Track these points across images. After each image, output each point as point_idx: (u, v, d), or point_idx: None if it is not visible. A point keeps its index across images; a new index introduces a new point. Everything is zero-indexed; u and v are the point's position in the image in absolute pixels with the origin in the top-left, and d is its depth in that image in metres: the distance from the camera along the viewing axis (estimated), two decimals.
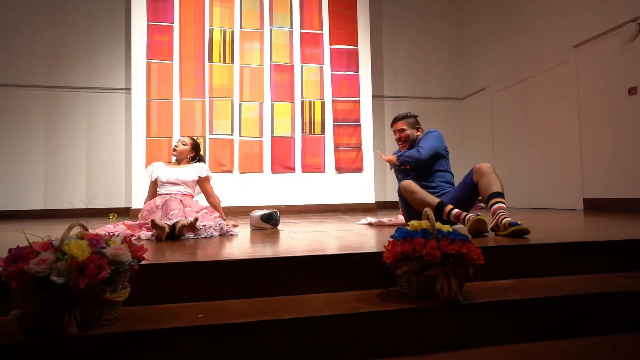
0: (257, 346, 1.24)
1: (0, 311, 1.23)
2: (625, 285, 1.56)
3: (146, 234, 2.44)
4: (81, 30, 6.36)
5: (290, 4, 6.32)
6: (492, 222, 2.24)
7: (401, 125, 2.96)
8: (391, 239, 1.50)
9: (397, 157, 2.86)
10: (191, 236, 2.46)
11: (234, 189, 5.86)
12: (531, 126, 5.89)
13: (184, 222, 2.38)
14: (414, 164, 2.80)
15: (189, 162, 3.12)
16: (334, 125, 6.30)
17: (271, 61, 6.19)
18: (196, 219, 2.44)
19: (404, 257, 1.43)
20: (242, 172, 6.01)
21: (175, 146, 3.09)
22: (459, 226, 2.69)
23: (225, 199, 3.41)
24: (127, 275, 1.26)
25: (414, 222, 1.52)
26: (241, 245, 2.11)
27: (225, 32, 6.08)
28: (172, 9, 5.97)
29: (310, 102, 6.24)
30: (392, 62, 7.27)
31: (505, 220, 2.14)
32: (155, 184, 2.98)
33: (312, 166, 6.19)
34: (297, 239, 2.27)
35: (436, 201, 2.57)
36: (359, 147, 6.34)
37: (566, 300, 1.45)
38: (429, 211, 1.50)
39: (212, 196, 3.07)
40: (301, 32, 6.31)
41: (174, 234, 2.39)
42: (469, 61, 7.31)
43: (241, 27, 6.15)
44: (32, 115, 6.17)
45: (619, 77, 4.51)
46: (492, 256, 1.56)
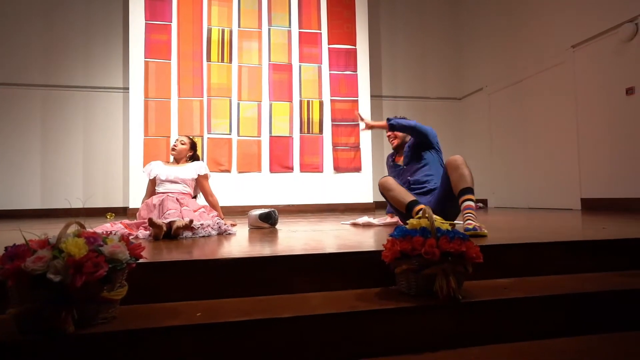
0: (256, 345, 1.24)
1: None
2: (624, 283, 1.56)
3: (144, 232, 2.43)
4: (78, 29, 6.33)
5: (288, 4, 6.31)
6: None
7: None
8: (390, 238, 1.50)
9: (387, 120, 2.83)
10: (189, 235, 2.45)
11: (232, 189, 5.85)
12: (529, 126, 5.90)
13: (179, 223, 2.37)
14: (403, 129, 2.79)
15: (187, 161, 3.12)
16: (332, 124, 6.30)
17: (269, 60, 6.19)
18: (191, 221, 2.43)
19: (403, 256, 1.42)
20: (240, 172, 5.99)
21: (174, 145, 3.09)
22: (459, 226, 2.70)
23: (223, 199, 3.40)
24: (125, 273, 1.26)
25: (413, 221, 1.52)
26: (239, 244, 2.11)
27: (223, 31, 6.07)
28: (170, 8, 5.96)
29: (308, 102, 6.24)
30: (390, 62, 7.27)
31: (467, 222, 2.21)
32: (153, 183, 2.97)
33: (311, 166, 6.18)
34: (296, 238, 2.27)
35: (408, 200, 2.60)
36: (357, 147, 6.33)
37: (565, 299, 1.45)
38: (428, 210, 1.50)
39: (210, 195, 3.07)
40: (299, 32, 6.30)
41: (171, 233, 2.38)
42: (467, 61, 7.32)
43: (239, 26, 6.13)
44: (29, 114, 6.14)
45: (617, 77, 4.52)
46: (491, 255, 1.56)
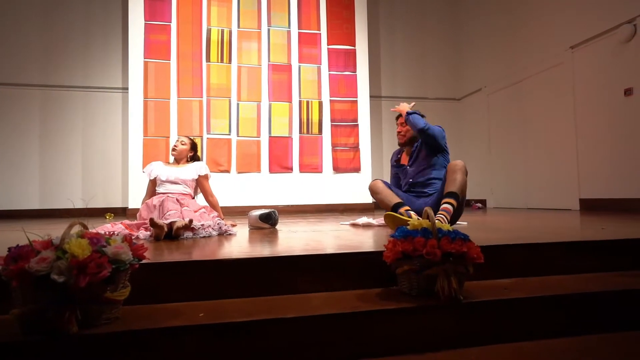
0: (258, 345, 1.24)
1: (0, 310, 1.23)
2: (625, 283, 1.57)
3: (145, 233, 2.43)
4: (78, 29, 6.33)
5: (288, 4, 6.31)
6: None
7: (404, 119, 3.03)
8: (391, 238, 1.50)
9: (407, 113, 2.82)
10: (190, 235, 2.45)
11: (232, 189, 5.85)
12: (528, 127, 5.91)
13: (179, 223, 2.37)
14: (412, 126, 2.80)
15: (188, 161, 3.12)
16: (332, 125, 6.30)
17: (269, 61, 6.19)
18: (191, 221, 2.44)
19: (405, 256, 1.43)
20: (239, 172, 6.00)
21: (174, 146, 3.09)
22: (461, 226, 2.71)
23: (222, 199, 3.40)
24: (128, 274, 1.26)
25: (414, 222, 1.53)
26: (240, 244, 2.11)
27: (222, 31, 6.07)
28: (170, 8, 5.96)
29: (308, 102, 6.24)
30: (389, 63, 7.28)
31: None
32: (154, 183, 2.97)
33: (310, 166, 6.19)
34: (296, 239, 2.27)
35: (394, 202, 2.72)
36: (356, 147, 6.34)
37: (566, 299, 1.46)
38: (429, 210, 1.51)
39: (210, 195, 3.07)
40: (299, 32, 6.30)
41: (172, 234, 2.39)
42: (466, 62, 7.33)
43: (239, 26, 6.14)
44: (28, 114, 6.13)
45: (615, 78, 4.54)
46: (491, 255, 1.57)
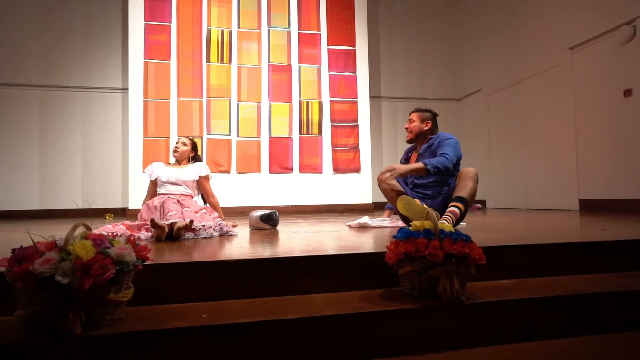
0: (260, 346, 1.25)
1: (3, 311, 1.23)
2: (626, 284, 1.57)
3: (146, 234, 2.43)
4: (78, 29, 6.33)
5: (288, 5, 6.32)
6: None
7: (413, 116, 3.06)
8: (394, 239, 1.51)
9: (425, 168, 2.69)
10: (191, 236, 2.46)
11: (232, 189, 5.85)
12: (527, 127, 5.92)
13: (180, 224, 2.38)
14: (443, 170, 2.73)
15: (189, 162, 3.12)
16: (332, 125, 6.31)
17: (269, 61, 6.19)
18: (191, 221, 2.44)
19: (407, 257, 1.43)
20: (239, 173, 6.00)
21: (176, 147, 3.07)
22: (460, 226, 2.71)
23: (222, 200, 3.40)
24: (131, 275, 1.26)
25: (416, 223, 1.53)
26: (242, 245, 2.11)
27: (222, 32, 6.07)
28: (170, 8, 5.96)
29: (308, 103, 6.25)
30: (389, 63, 7.29)
31: (441, 220, 2.31)
32: (154, 184, 2.97)
33: (310, 166, 6.19)
34: (297, 239, 2.28)
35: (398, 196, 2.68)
36: (356, 148, 6.35)
37: (567, 299, 1.47)
38: (431, 211, 1.52)
39: (211, 196, 3.07)
40: (299, 33, 6.31)
41: (173, 235, 2.39)
42: (466, 62, 7.34)
43: (239, 27, 6.14)
44: (27, 114, 6.13)
45: (615, 79, 4.55)
46: (492, 256, 1.57)
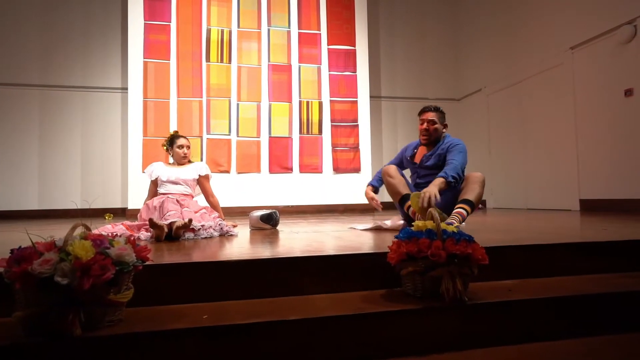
0: (262, 347, 1.24)
1: (2, 312, 1.22)
2: (629, 285, 1.57)
3: (145, 234, 2.42)
4: (77, 29, 6.31)
5: (288, 4, 6.31)
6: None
7: (433, 116, 2.77)
8: (396, 240, 1.50)
9: (447, 180, 2.59)
10: (191, 236, 2.45)
11: (231, 189, 5.84)
12: (528, 127, 5.92)
13: (179, 223, 2.37)
14: (459, 181, 2.70)
15: (189, 161, 3.10)
16: (332, 125, 6.30)
17: (269, 61, 6.18)
18: (190, 220, 2.43)
19: (409, 258, 1.42)
20: (239, 172, 5.99)
21: (185, 154, 3.01)
22: (461, 226, 2.70)
23: (222, 199, 3.39)
24: (131, 276, 1.25)
25: (419, 223, 1.52)
26: (242, 245, 2.10)
27: (222, 31, 6.06)
28: (170, 8, 5.95)
29: (308, 103, 6.24)
30: (389, 63, 7.28)
31: (450, 218, 2.38)
32: (155, 184, 2.96)
33: (310, 166, 6.18)
34: (298, 239, 2.27)
35: (403, 192, 2.66)
36: (356, 148, 6.34)
37: (570, 300, 1.46)
38: (434, 211, 1.51)
39: (211, 195, 3.06)
40: (299, 32, 6.30)
41: (172, 234, 2.38)
42: (466, 62, 7.33)
43: (239, 26, 6.13)
44: (27, 114, 6.11)
45: (615, 79, 4.54)
46: (494, 256, 1.56)
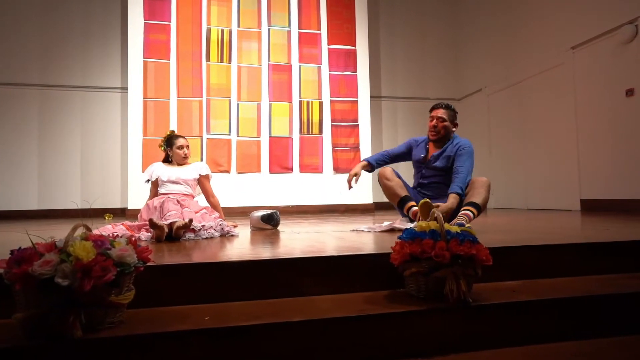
0: (264, 349, 1.22)
1: (2, 314, 1.21)
2: (635, 286, 1.55)
3: (146, 234, 2.41)
4: (77, 28, 6.29)
5: (288, 4, 6.29)
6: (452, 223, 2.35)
7: (443, 114, 2.73)
8: (399, 240, 1.49)
9: (458, 195, 2.56)
10: (192, 237, 2.44)
11: (232, 189, 5.83)
12: (528, 127, 5.91)
13: (179, 223, 2.36)
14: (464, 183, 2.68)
15: (188, 161, 3.09)
16: (332, 125, 6.28)
17: (269, 61, 6.17)
18: (191, 220, 2.42)
19: (413, 259, 1.41)
20: (239, 172, 5.97)
21: (186, 154, 3.00)
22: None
23: (222, 200, 3.38)
24: (132, 277, 1.24)
25: (422, 223, 1.51)
26: (244, 246, 2.09)
27: (222, 31, 6.04)
28: (169, 7, 5.93)
29: (308, 102, 6.22)
30: (389, 63, 7.27)
31: (458, 218, 2.37)
32: (155, 185, 2.94)
33: (310, 166, 6.17)
34: (299, 240, 2.25)
35: (402, 195, 2.68)
36: (356, 148, 6.32)
37: (575, 301, 1.45)
38: (437, 212, 1.49)
39: (211, 195, 3.05)
40: (299, 32, 6.29)
41: (172, 235, 2.36)
42: (466, 62, 7.32)
43: (239, 26, 6.11)
44: (26, 114, 6.09)
45: (616, 79, 4.53)
46: (499, 257, 1.55)
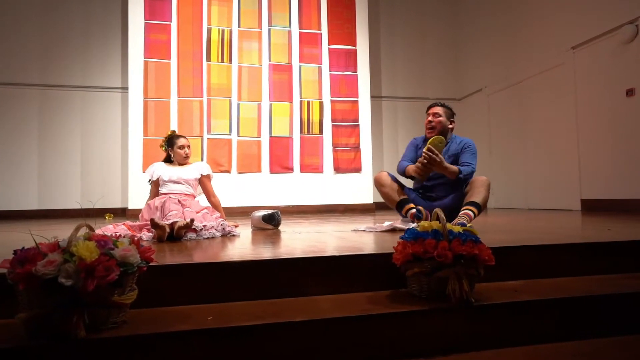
0: (266, 349, 1.22)
1: (5, 314, 1.21)
2: (636, 286, 1.56)
3: (147, 234, 2.41)
4: (77, 28, 6.29)
5: (288, 4, 6.29)
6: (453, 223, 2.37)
7: (438, 110, 2.85)
8: (401, 240, 1.49)
9: (458, 175, 2.66)
10: (193, 237, 2.43)
11: (232, 189, 5.83)
12: (529, 127, 5.91)
13: (180, 223, 2.35)
14: (465, 183, 2.77)
15: (189, 161, 3.09)
16: (333, 125, 6.28)
17: (269, 61, 6.17)
18: (192, 220, 2.42)
19: (415, 259, 1.41)
20: (240, 172, 5.97)
21: (187, 154, 3.02)
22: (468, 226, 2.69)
23: (223, 199, 3.38)
24: (135, 277, 1.24)
25: (424, 223, 1.51)
26: (245, 246, 2.09)
27: (223, 31, 6.04)
28: (170, 7, 5.93)
29: (308, 102, 6.22)
30: (390, 63, 7.27)
31: (459, 218, 2.40)
32: (156, 185, 2.94)
33: (311, 166, 6.17)
34: (300, 240, 2.25)
35: (399, 198, 2.75)
36: (357, 148, 6.33)
37: (576, 301, 1.45)
38: (439, 212, 1.50)
39: (213, 195, 3.05)
40: (300, 32, 6.28)
41: (173, 235, 2.36)
42: (467, 62, 7.33)
43: (239, 26, 6.11)
44: (26, 114, 6.09)
45: (617, 79, 4.53)
46: (501, 257, 1.55)
